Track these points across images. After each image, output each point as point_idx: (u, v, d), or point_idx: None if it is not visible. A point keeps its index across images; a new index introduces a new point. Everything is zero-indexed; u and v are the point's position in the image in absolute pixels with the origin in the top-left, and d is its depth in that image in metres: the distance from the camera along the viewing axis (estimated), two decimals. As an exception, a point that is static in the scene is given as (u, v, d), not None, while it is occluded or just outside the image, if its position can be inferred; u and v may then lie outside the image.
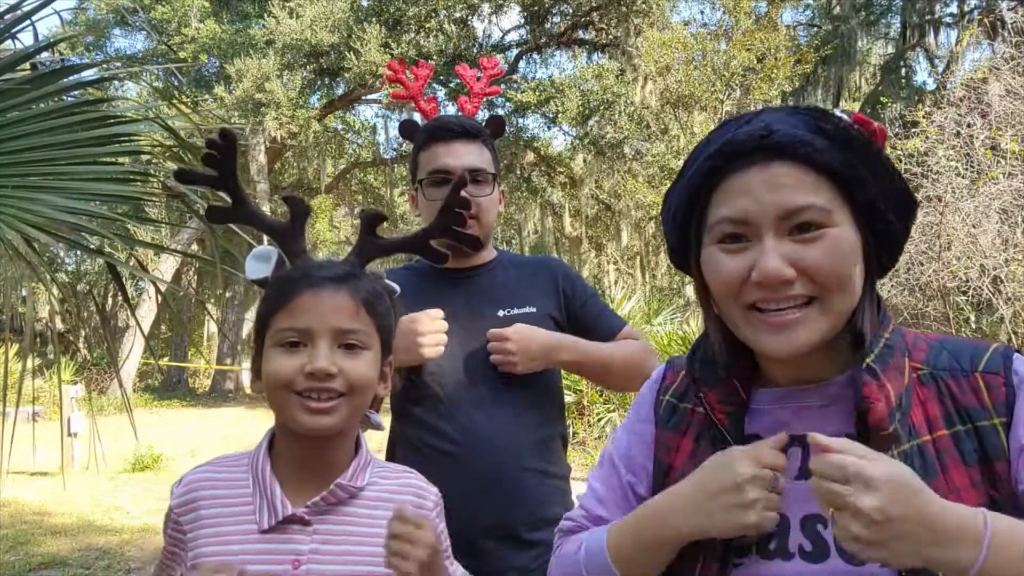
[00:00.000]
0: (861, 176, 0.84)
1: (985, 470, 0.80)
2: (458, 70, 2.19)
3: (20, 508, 6.63)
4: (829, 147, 0.83)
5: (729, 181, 0.86)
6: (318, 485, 1.05)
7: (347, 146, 20.53)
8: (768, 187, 0.83)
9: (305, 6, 14.95)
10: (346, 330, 1.03)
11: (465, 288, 1.81)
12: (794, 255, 0.82)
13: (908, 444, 0.81)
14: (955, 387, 0.85)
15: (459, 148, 1.77)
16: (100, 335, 17.91)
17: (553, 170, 18.11)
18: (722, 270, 0.86)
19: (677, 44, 12.73)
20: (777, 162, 0.83)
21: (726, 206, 0.85)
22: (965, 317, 7.12)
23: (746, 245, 0.85)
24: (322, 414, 1.02)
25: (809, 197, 0.82)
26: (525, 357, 1.68)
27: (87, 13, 17.95)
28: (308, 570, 1.01)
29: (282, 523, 1.03)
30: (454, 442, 1.68)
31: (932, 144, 7.33)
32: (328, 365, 1.01)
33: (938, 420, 0.83)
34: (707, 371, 0.94)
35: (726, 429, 0.91)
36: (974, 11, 15.57)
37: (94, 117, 1.98)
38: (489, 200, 1.80)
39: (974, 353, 0.87)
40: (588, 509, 1.04)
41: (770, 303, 0.84)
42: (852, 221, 0.84)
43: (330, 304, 1.03)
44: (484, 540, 1.62)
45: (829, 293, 0.83)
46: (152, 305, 15.00)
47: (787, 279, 0.81)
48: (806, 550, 0.84)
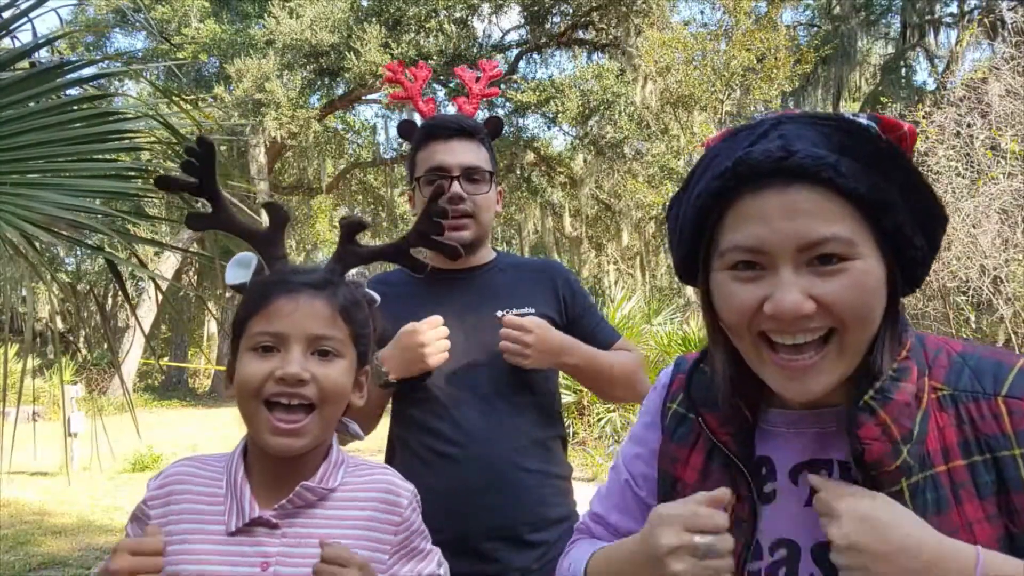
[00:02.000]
0: (889, 200, 0.76)
1: (1002, 502, 0.76)
2: (457, 71, 2.20)
3: (20, 508, 6.63)
4: (855, 169, 0.74)
5: (743, 203, 0.78)
6: (288, 488, 1.05)
7: (347, 146, 20.53)
8: (786, 214, 0.75)
9: (305, 6, 14.95)
10: (320, 336, 1.02)
11: (463, 288, 1.80)
12: (813, 289, 0.75)
13: (920, 475, 0.77)
14: (975, 412, 0.78)
15: (456, 146, 1.77)
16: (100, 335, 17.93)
17: (553, 170, 18.11)
18: (734, 301, 0.79)
19: (677, 44, 12.73)
20: (796, 185, 0.75)
21: (739, 232, 0.78)
22: (965, 317, 7.12)
23: (760, 274, 0.77)
24: (290, 436, 1.00)
25: (832, 227, 0.74)
26: (539, 351, 1.66)
27: (87, 13, 17.96)
28: (276, 572, 1.01)
29: (250, 525, 1.03)
30: (453, 444, 1.67)
31: (932, 144, 7.33)
32: (300, 370, 1.00)
33: (955, 448, 0.78)
34: (705, 391, 0.91)
35: (732, 452, 0.87)
36: (974, 11, 15.57)
37: (94, 114, 1.98)
38: (485, 199, 1.79)
39: (997, 373, 0.80)
40: (594, 511, 1.05)
41: (785, 336, 0.78)
42: (877, 251, 0.77)
43: (306, 310, 1.02)
44: (486, 541, 1.62)
45: (848, 329, 0.77)
46: (152, 305, 15.01)
47: (805, 314, 0.75)
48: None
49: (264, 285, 1.06)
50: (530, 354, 1.65)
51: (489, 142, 1.86)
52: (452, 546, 1.24)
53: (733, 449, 0.87)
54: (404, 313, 1.73)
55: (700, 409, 0.90)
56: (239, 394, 1.03)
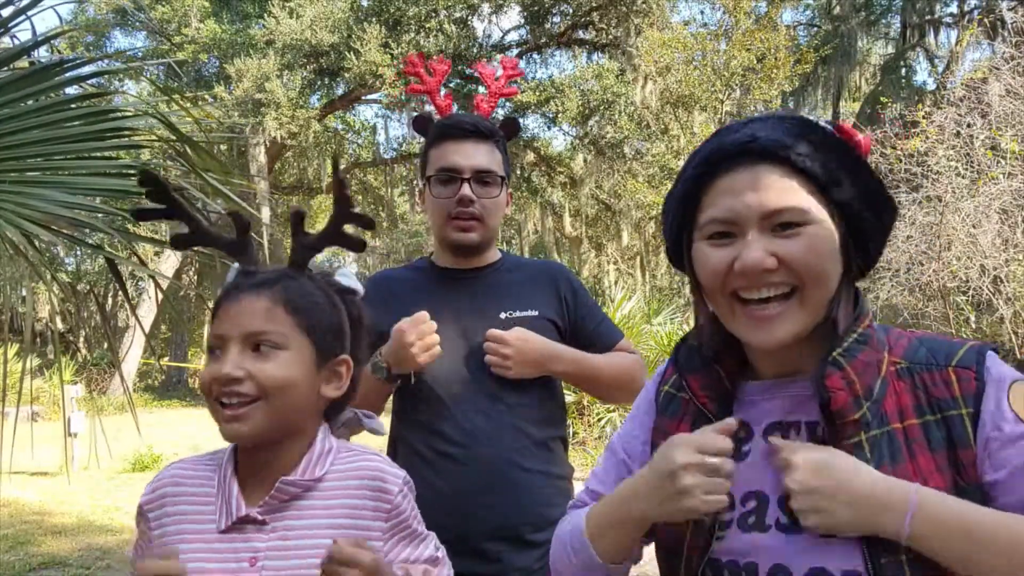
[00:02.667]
0: (839, 178, 0.90)
1: (951, 456, 0.86)
2: (478, 68, 2.17)
3: (20, 508, 6.63)
4: (810, 151, 0.90)
5: (718, 183, 0.93)
6: (272, 483, 1.06)
7: (347, 146, 20.52)
8: (752, 188, 0.90)
9: (305, 6, 14.94)
10: (254, 332, 1.04)
11: (467, 288, 1.80)
12: (774, 247, 0.89)
13: (879, 430, 0.89)
14: (929, 380, 0.90)
15: (469, 148, 1.76)
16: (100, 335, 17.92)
17: (553, 170, 18.10)
18: (709, 261, 0.93)
19: (677, 44, 12.73)
20: (761, 165, 0.90)
21: (715, 206, 0.93)
22: (965, 317, 7.12)
23: (732, 240, 0.92)
24: (235, 421, 1.03)
25: (790, 198, 0.89)
26: (519, 363, 1.67)
27: (87, 13, 17.96)
28: (264, 566, 1.02)
29: (238, 523, 1.04)
30: (455, 444, 1.67)
31: (932, 144, 7.33)
32: (231, 370, 1.02)
33: (909, 410, 0.89)
34: (690, 358, 1.03)
35: (712, 414, 0.98)
36: (974, 11, 15.57)
37: (93, 112, 1.97)
38: (494, 202, 1.79)
39: (950, 350, 0.92)
40: (589, 487, 1.13)
41: (752, 291, 0.90)
42: (831, 219, 0.91)
43: (244, 309, 1.05)
44: (487, 541, 1.62)
45: (806, 285, 0.89)
46: (152, 305, 15.01)
47: (768, 268, 0.88)
48: (782, 523, 0.90)
49: (222, 292, 1.10)
50: (510, 365, 1.67)
51: (504, 145, 1.85)
52: (454, 546, 1.24)
53: (712, 411, 0.98)
54: (409, 311, 1.73)
55: (685, 373, 1.02)
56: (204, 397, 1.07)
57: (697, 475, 0.88)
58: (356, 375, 1.15)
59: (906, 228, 7.29)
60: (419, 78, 2.04)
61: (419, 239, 25.34)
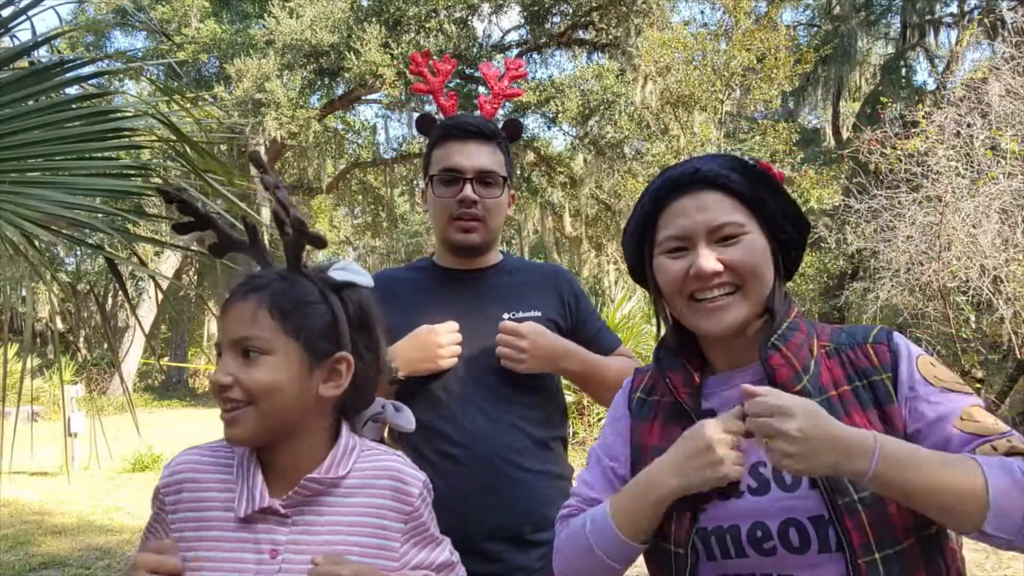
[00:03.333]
0: (763, 197, 1.14)
1: (880, 413, 1.07)
2: (481, 68, 2.15)
3: (20, 508, 6.63)
4: (740, 179, 1.13)
5: (671, 208, 1.15)
6: (297, 477, 1.07)
7: (347, 146, 20.52)
8: (699, 209, 1.12)
9: (305, 6, 14.94)
10: (240, 338, 1.05)
11: (470, 289, 1.80)
12: (720, 255, 1.10)
13: (818, 398, 1.06)
14: (852, 355, 1.12)
15: (472, 148, 1.76)
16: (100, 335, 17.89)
17: (553, 170, 18.09)
18: (669, 271, 1.14)
19: (677, 44, 12.71)
20: (704, 191, 1.13)
21: (670, 227, 1.15)
22: (965, 317, 7.12)
23: (685, 253, 1.13)
24: (229, 425, 1.06)
25: (729, 215, 1.12)
26: (534, 357, 1.66)
27: (87, 13, 17.96)
28: (285, 559, 1.03)
29: (260, 513, 1.05)
30: (457, 444, 1.67)
31: (932, 144, 7.33)
32: (220, 377, 1.04)
33: (841, 380, 1.10)
34: (669, 359, 1.21)
35: (688, 406, 1.15)
36: (974, 11, 15.56)
37: (93, 112, 1.97)
38: (496, 203, 1.79)
39: (865, 331, 1.15)
40: (581, 495, 1.25)
41: (705, 292, 1.11)
42: (762, 232, 1.14)
43: (234, 315, 1.07)
44: (489, 542, 1.62)
45: (747, 282, 1.11)
46: (152, 305, 15.01)
47: (716, 271, 1.10)
48: (752, 487, 1.07)
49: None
50: (525, 359, 1.66)
51: (507, 146, 1.85)
52: (456, 546, 1.24)
53: (689, 404, 1.15)
54: (411, 310, 1.74)
55: (666, 371, 1.20)
56: None
57: (728, 448, 1.02)
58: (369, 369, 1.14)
59: (906, 228, 7.29)
60: (423, 77, 2.03)
61: (419, 239, 25.34)
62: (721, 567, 1.07)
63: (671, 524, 1.09)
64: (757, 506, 1.05)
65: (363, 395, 1.16)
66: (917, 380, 1.07)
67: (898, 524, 1.00)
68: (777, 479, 1.06)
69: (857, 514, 1.00)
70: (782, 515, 1.03)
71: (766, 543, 1.04)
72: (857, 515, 1.00)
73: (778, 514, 1.04)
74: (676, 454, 1.07)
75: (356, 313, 1.14)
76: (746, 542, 1.05)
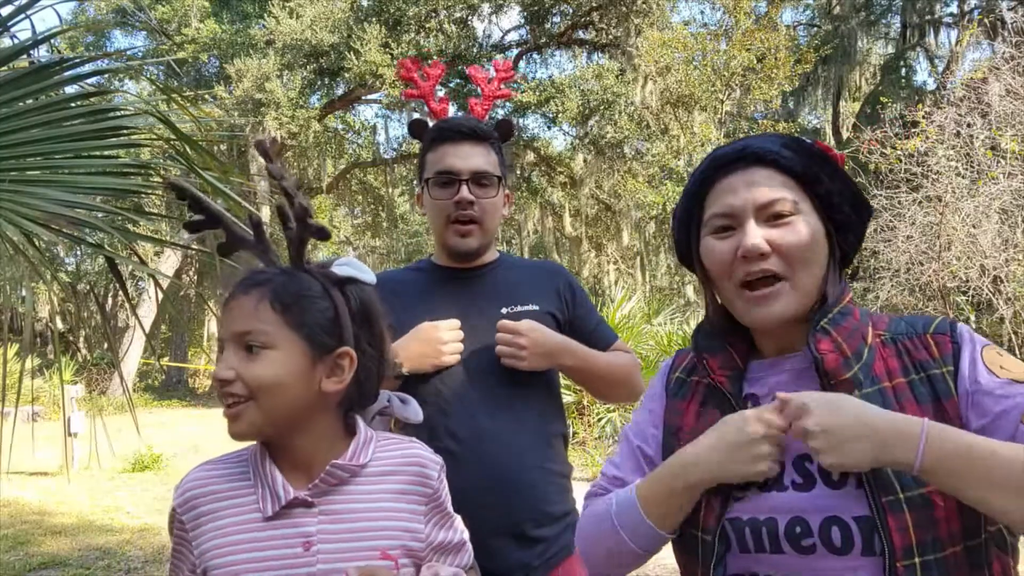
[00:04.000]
0: (819, 176, 1.06)
1: (936, 408, 0.99)
2: (470, 71, 2.18)
3: (20, 508, 6.63)
4: (793, 156, 1.06)
5: (719, 185, 1.09)
6: (316, 469, 1.07)
7: (347, 146, 20.52)
8: (747, 186, 1.06)
9: (305, 6, 14.95)
10: (242, 332, 1.05)
11: (468, 287, 1.82)
12: (769, 236, 1.03)
13: (870, 388, 1.01)
14: (910, 345, 1.05)
15: (466, 150, 1.77)
16: (100, 335, 17.89)
17: (553, 170, 18.10)
18: (716, 252, 1.08)
19: (677, 44, 12.73)
20: (753, 167, 1.07)
21: (716, 204, 1.09)
22: (965, 317, 7.12)
23: (733, 233, 1.07)
24: (232, 420, 1.05)
25: (779, 192, 1.05)
26: (533, 354, 1.67)
27: (87, 13, 17.96)
28: (320, 550, 1.03)
29: (286, 508, 1.04)
30: (457, 440, 1.67)
31: (932, 144, 7.33)
32: (221, 371, 1.04)
33: (896, 371, 1.03)
34: (709, 342, 1.15)
35: (727, 390, 1.09)
36: (974, 11, 15.57)
37: (93, 111, 1.97)
38: (492, 203, 1.80)
39: (926, 321, 1.08)
40: (607, 474, 1.21)
41: (754, 277, 1.04)
42: (815, 212, 1.06)
43: (235, 309, 1.06)
44: (490, 538, 1.62)
45: (796, 270, 1.04)
46: (152, 305, 15.01)
47: (763, 252, 1.03)
48: (797, 482, 1.02)
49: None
50: (525, 356, 1.67)
51: (500, 146, 1.86)
52: None
53: (728, 388, 1.09)
54: (413, 310, 1.75)
55: (704, 354, 1.14)
56: None
57: (768, 445, 0.99)
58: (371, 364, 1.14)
59: (906, 228, 7.29)
60: (413, 83, 2.06)
61: (419, 239, 25.35)
62: (753, 561, 1.02)
63: (701, 509, 1.05)
64: (799, 501, 1.00)
65: (366, 390, 1.16)
66: (980, 371, 0.99)
67: (944, 529, 0.94)
68: (823, 475, 1.00)
69: (902, 514, 0.93)
70: (825, 512, 0.98)
71: (805, 540, 0.98)
72: (901, 515, 0.93)
73: (821, 511, 0.98)
74: (713, 443, 1.02)
75: (359, 308, 1.13)
76: (783, 537, 0.99)
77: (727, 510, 1.03)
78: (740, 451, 0.99)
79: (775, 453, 0.99)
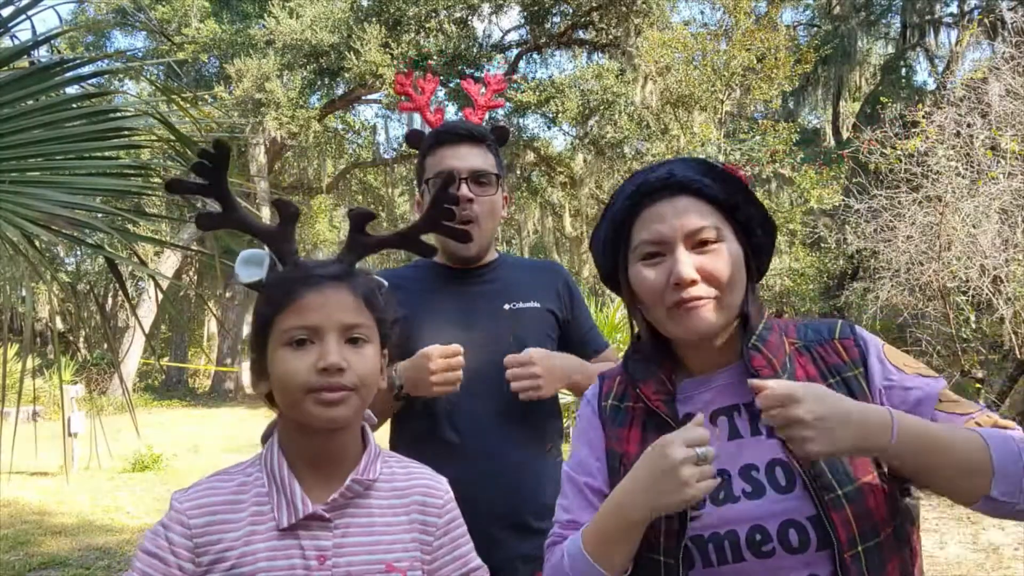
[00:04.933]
0: (738, 203, 1.14)
1: None
2: (464, 85, 2.29)
3: (20, 508, 6.63)
4: (715, 184, 1.13)
5: (646, 212, 1.13)
6: (332, 479, 1.08)
7: (347, 146, 20.51)
8: (675, 214, 1.11)
9: (305, 6, 14.94)
10: (351, 324, 1.07)
11: (469, 285, 1.85)
12: (698, 263, 1.09)
13: None
14: (823, 351, 1.14)
15: (464, 151, 1.82)
16: (100, 335, 17.86)
17: (553, 170, 18.09)
18: (648, 280, 1.12)
19: (677, 44, 12.71)
20: (679, 195, 1.12)
21: (645, 231, 1.13)
22: (965, 317, 7.11)
23: (663, 259, 1.11)
24: (334, 405, 1.04)
25: (705, 219, 1.11)
26: (550, 380, 1.69)
27: (87, 13, 17.95)
28: (334, 563, 1.04)
29: (304, 520, 1.05)
30: (459, 432, 1.71)
31: (932, 144, 7.33)
32: (339, 360, 1.04)
33: (816, 376, 1.12)
34: (640, 368, 1.20)
35: (664, 414, 1.13)
36: (974, 11, 15.57)
37: (93, 112, 1.97)
38: (491, 201, 1.84)
39: (829, 326, 1.18)
40: (560, 520, 1.21)
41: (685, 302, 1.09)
42: (735, 238, 1.13)
43: (335, 301, 1.06)
44: (492, 528, 1.65)
45: (723, 292, 1.10)
46: (152, 305, 15.00)
47: (694, 279, 1.08)
48: (747, 491, 1.07)
49: (289, 281, 1.09)
50: (542, 384, 1.68)
51: (496, 148, 1.91)
52: None
53: (664, 411, 1.13)
54: (415, 309, 1.78)
55: (638, 382, 1.18)
56: (282, 387, 1.06)
57: (692, 467, 0.99)
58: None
59: (906, 228, 7.29)
60: (408, 96, 2.15)
61: (419, 239, 25.32)
62: (715, 573, 1.06)
63: (660, 535, 1.07)
64: (755, 510, 1.05)
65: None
66: (890, 370, 1.10)
67: (877, 517, 1.03)
68: (771, 482, 1.06)
69: (843, 509, 1.02)
70: (781, 516, 1.03)
71: (765, 546, 1.03)
72: (843, 510, 1.02)
73: (777, 516, 1.04)
74: (640, 477, 1.03)
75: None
76: (745, 547, 1.04)
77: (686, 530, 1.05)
78: (666, 481, 0.99)
79: (703, 473, 0.99)
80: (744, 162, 11.64)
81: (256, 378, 1.12)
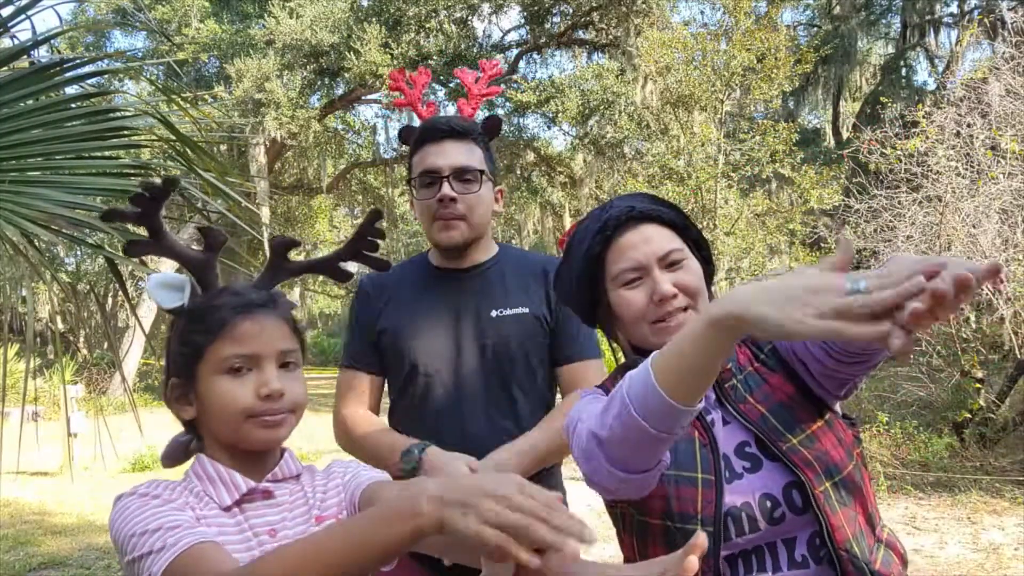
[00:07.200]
0: (687, 224, 1.32)
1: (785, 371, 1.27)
2: (457, 73, 2.25)
3: (20, 508, 6.63)
4: (668, 211, 1.31)
5: (617, 244, 1.27)
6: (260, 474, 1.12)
7: (347, 146, 20.51)
8: (644, 241, 1.26)
9: (305, 6, 14.93)
10: (285, 350, 1.11)
11: (460, 288, 1.84)
12: (672, 280, 1.25)
13: (741, 374, 1.28)
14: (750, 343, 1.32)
15: (447, 147, 1.80)
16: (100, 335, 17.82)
17: (553, 170, 18.09)
18: (632, 302, 1.26)
19: (677, 44, 12.70)
20: (643, 224, 1.27)
21: (621, 261, 1.27)
22: (965, 317, 7.11)
23: (641, 282, 1.26)
24: (276, 427, 1.09)
25: (670, 243, 1.28)
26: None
27: (87, 13, 17.95)
28: (285, 535, 1.07)
29: (247, 495, 1.09)
30: (449, 441, 1.70)
31: (932, 144, 7.32)
32: (280, 386, 1.08)
33: (751, 358, 1.31)
34: None
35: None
36: (974, 11, 15.57)
37: (93, 112, 1.98)
38: (477, 197, 1.81)
39: None
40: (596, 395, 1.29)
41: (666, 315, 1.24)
42: (693, 254, 1.31)
43: (270, 328, 1.10)
44: None
45: (696, 301, 1.26)
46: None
47: (674, 294, 1.24)
48: (747, 467, 1.20)
49: (219, 309, 1.11)
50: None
51: (484, 141, 1.87)
52: None
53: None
54: (406, 310, 1.78)
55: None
56: (220, 413, 1.09)
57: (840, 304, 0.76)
58: None
59: (906, 228, 7.29)
60: (401, 92, 2.14)
61: (419, 239, 25.33)
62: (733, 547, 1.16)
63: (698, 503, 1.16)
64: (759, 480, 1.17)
65: None
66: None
67: (834, 456, 1.18)
68: (765, 452, 1.19)
69: (799, 452, 1.17)
70: (782, 481, 1.16)
71: (776, 511, 1.15)
72: (799, 453, 1.17)
73: (777, 481, 1.17)
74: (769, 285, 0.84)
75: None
76: (759, 515, 1.15)
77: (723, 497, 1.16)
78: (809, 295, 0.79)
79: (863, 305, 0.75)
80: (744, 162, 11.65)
81: (180, 404, 1.14)
